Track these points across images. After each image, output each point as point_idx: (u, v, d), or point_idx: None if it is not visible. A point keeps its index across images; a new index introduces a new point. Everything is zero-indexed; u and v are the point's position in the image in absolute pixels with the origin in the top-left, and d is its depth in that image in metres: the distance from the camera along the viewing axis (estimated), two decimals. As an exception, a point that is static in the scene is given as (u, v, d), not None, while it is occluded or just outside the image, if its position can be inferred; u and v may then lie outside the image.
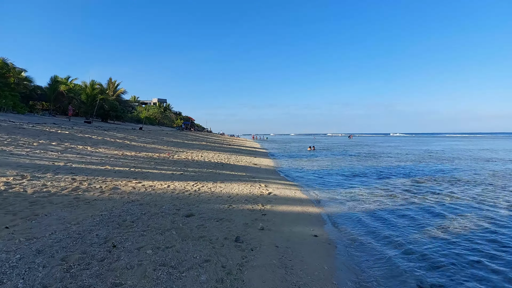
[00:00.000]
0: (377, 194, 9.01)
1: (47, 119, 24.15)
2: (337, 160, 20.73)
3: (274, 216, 5.84)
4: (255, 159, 18.90)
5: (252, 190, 8.25)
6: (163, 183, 7.62)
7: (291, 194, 8.42)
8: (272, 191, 8.46)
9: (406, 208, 7.41)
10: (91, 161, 9.51)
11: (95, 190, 6.08)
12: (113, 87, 49.49)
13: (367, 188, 10.10)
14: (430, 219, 6.44)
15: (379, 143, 51.73)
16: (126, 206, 5.28)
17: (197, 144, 25.86)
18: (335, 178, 12.44)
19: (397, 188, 10.08)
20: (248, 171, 12.62)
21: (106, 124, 31.57)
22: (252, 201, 6.91)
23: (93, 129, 21.11)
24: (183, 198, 6.34)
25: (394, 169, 15.26)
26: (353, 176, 12.83)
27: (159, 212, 5.11)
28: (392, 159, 21.41)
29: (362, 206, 7.52)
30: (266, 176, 11.82)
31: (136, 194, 6.22)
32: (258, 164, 16.22)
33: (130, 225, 4.32)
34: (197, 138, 35.05)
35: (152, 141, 20.29)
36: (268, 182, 10.04)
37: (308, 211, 6.70)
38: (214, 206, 6.04)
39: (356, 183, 11.07)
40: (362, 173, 13.90)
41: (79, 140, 14.02)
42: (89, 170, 8.07)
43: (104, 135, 17.99)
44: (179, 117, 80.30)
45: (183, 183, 8.04)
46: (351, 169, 15.25)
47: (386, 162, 18.92)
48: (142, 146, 16.45)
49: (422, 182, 11.31)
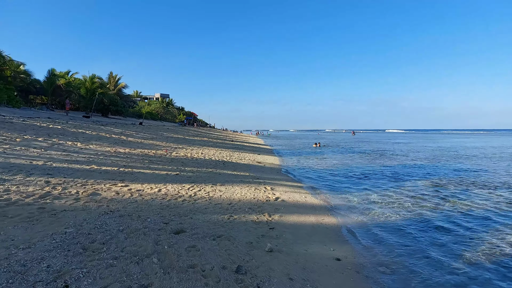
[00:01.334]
0: (398, 200, 7.92)
1: (42, 113, 23.25)
2: (346, 158, 19.60)
3: (284, 231, 4.80)
4: (258, 157, 17.85)
5: (257, 194, 7.21)
6: (153, 187, 6.59)
7: (301, 199, 7.36)
8: (280, 195, 7.42)
9: (439, 218, 6.32)
10: (77, 159, 8.52)
11: (69, 196, 5.07)
12: (114, 82, 48.57)
13: (385, 192, 9.01)
14: (476, 232, 5.36)
15: (385, 140, 50.34)
16: (102, 219, 4.26)
17: (198, 140, 24.84)
18: (346, 179, 11.36)
19: (418, 192, 8.98)
20: (252, 170, 11.57)
21: (105, 119, 30.65)
22: (257, 209, 5.87)
23: (89, 124, 20.16)
24: (174, 207, 5.31)
25: (409, 169, 14.13)
26: (366, 177, 11.73)
27: (141, 228, 4.08)
28: (404, 157, 20.23)
29: (385, 215, 6.45)
30: (271, 176, 10.77)
31: (118, 201, 5.20)
32: (262, 162, 15.17)
33: (99, 249, 3.30)
34: (198, 133, 34.05)
35: (151, 137, 19.30)
36: (274, 184, 8.99)
37: (324, 222, 5.65)
38: (211, 217, 5.01)
39: (371, 186, 9.98)
40: (375, 173, 12.79)
41: (71, 135, 13.05)
42: (71, 170, 7.07)
43: (99, 130, 17.02)
44: (182, 112, 79.39)
45: (178, 186, 7.01)
46: (362, 169, 14.15)
47: (398, 161, 17.76)
48: (139, 142, 15.46)
49: (445, 184, 10.18)
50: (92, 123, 21.49)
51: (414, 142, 42.46)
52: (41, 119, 17.57)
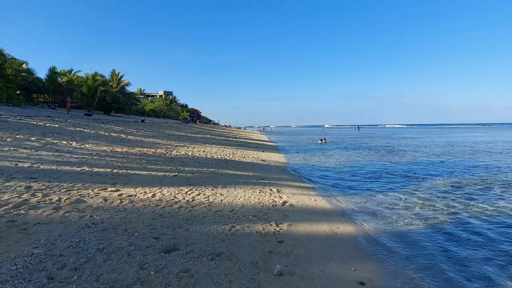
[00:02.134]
0: (418, 202, 7.19)
1: (43, 112, 22.81)
2: (354, 155, 18.82)
3: (295, 244, 4.13)
4: (263, 154, 17.17)
5: (262, 198, 6.53)
6: (148, 191, 5.96)
7: (311, 203, 6.67)
8: (287, 198, 6.74)
9: (470, 226, 5.59)
10: (69, 160, 7.92)
11: (48, 205, 4.45)
12: (116, 79, 48.11)
13: (401, 192, 8.27)
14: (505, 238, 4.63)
15: (391, 135, 49.20)
16: (81, 233, 3.63)
17: (201, 137, 24.23)
18: (357, 177, 10.62)
19: (439, 193, 8.22)
20: (256, 169, 10.90)
21: (107, 117, 30.20)
22: (263, 216, 5.20)
23: (90, 122, 19.64)
24: (169, 216, 4.66)
25: (423, 166, 13.32)
26: (378, 176, 10.99)
27: (126, 246, 3.44)
28: (414, 153, 19.37)
29: (406, 222, 5.74)
30: (277, 176, 10.09)
31: (105, 210, 4.57)
32: (267, 160, 14.49)
33: (68, 278, 2.66)
34: (201, 131, 33.45)
35: (152, 135, 18.72)
36: (280, 185, 8.31)
37: (339, 232, 4.96)
38: (210, 228, 4.35)
39: (385, 185, 9.25)
40: (387, 171, 12.02)
41: (67, 134, 12.50)
42: (59, 173, 6.47)
43: (98, 129, 16.48)
44: (185, 110, 78.93)
45: (175, 189, 6.37)
46: (373, 166, 13.38)
47: (409, 158, 16.93)
48: (139, 141, 14.88)
49: (467, 184, 9.40)
50: (92, 121, 20.99)
51: (421, 137, 41.34)
52: (40, 117, 17.08)
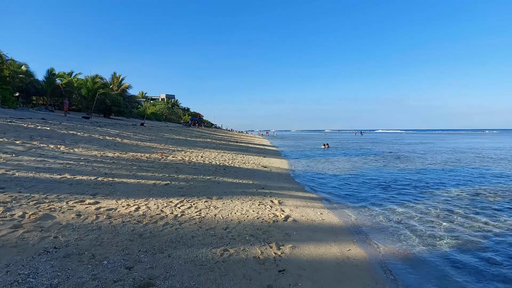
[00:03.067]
0: (436, 217, 6.42)
1: (39, 114, 22.29)
2: (359, 161, 18.04)
3: (299, 275, 3.39)
4: (264, 160, 16.45)
5: (262, 211, 5.81)
6: (131, 203, 5.25)
7: (317, 218, 5.93)
8: (290, 212, 6.00)
9: (503, 247, 4.83)
10: (51, 166, 7.25)
11: (7, 223, 3.74)
12: (117, 82, 47.76)
13: (415, 205, 7.51)
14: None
15: (395, 140, 48.33)
16: (35, 262, 2.92)
17: (200, 141, 23.57)
18: (365, 187, 9.87)
19: (458, 206, 7.45)
20: (256, 177, 10.18)
21: (106, 120, 29.67)
22: (262, 236, 4.47)
23: (85, 124, 19.04)
24: (150, 236, 3.94)
25: (435, 175, 12.54)
26: (387, 185, 10.23)
27: (87, 279, 2.72)
28: (423, 160, 18.57)
29: (426, 242, 4.99)
30: (278, 184, 9.35)
31: (75, 228, 3.86)
32: (268, 166, 13.76)
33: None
34: (202, 134, 32.82)
35: (149, 139, 18.07)
36: (282, 196, 7.58)
37: (351, 256, 4.21)
38: (198, 253, 3.63)
39: (396, 196, 8.49)
40: (397, 180, 11.25)
41: (58, 138, 11.86)
42: (35, 181, 5.78)
43: (93, 132, 15.85)
44: (187, 113, 78.65)
45: (163, 201, 5.65)
46: (381, 174, 12.62)
47: (419, 165, 16.14)
48: (134, 145, 14.22)
49: (485, 195, 8.62)
50: (88, 124, 20.40)
51: (425, 143, 40.46)
52: (33, 120, 16.50)
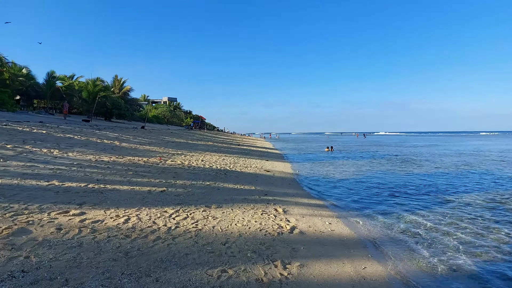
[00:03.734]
0: (457, 227, 5.88)
1: (37, 117, 21.97)
2: (365, 165, 17.47)
3: (310, 303, 2.87)
4: (267, 163, 15.93)
5: (265, 222, 5.29)
6: (121, 213, 4.76)
7: (326, 229, 5.40)
8: (296, 222, 5.48)
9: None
10: (39, 172, 6.79)
11: (-28, 240, 3.26)
12: (119, 85, 47.62)
13: (431, 212, 6.96)
14: None
15: (400, 143, 47.61)
16: (-6, 292, 2.43)
17: (202, 144, 23.10)
18: (374, 193, 9.32)
19: (478, 214, 6.89)
20: (259, 182, 9.66)
21: (107, 123, 29.34)
22: (265, 252, 3.95)
23: (84, 128, 18.65)
24: (137, 254, 3.44)
25: (446, 178, 11.96)
26: (397, 190, 9.67)
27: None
28: (431, 163, 17.96)
29: (452, 257, 4.45)
30: (282, 190, 8.83)
31: (51, 246, 3.37)
32: (271, 170, 13.24)
33: None
34: (204, 137, 32.36)
35: (149, 142, 17.64)
36: (286, 203, 7.06)
37: (368, 276, 3.68)
38: (192, 275, 3.12)
39: (409, 202, 7.94)
40: (408, 184, 10.69)
41: (52, 141, 11.44)
42: (18, 189, 5.32)
43: (91, 135, 15.44)
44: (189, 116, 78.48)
45: (157, 211, 5.16)
46: (390, 179, 12.05)
47: (428, 168, 15.54)
48: (132, 148, 13.78)
49: (505, 202, 8.05)
50: (88, 127, 20.02)
51: (431, 145, 39.74)
52: (30, 123, 16.14)
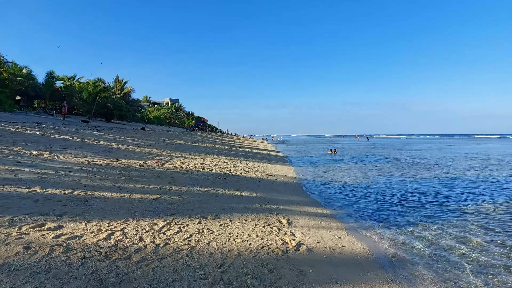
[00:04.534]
0: (487, 245, 5.25)
1: (35, 118, 21.53)
2: (372, 169, 16.80)
3: None
4: (269, 167, 15.33)
5: (267, 236, 4.69)
6: (105, 227, 4.18)
7: (336, 244, 4.79)
8: (302, 237, 4.88)
9: None
10: (22, 177, 6.24)
11: None
12: (120, 86, 47.30)
13: (452, 224, 6.32)
14: None
15: (404, 146, 46.80)
16: None
17: (202, 146, 22.55)
18: (384, 200, 8.68)
19: (506, 226, 6.25)
20: (261, 188, 9.07)
21: (107, 124, 28.90)
22: (268, 276, 3.35)
23: (81, 129, 18.17)
24: (115, 282, 2.85)
25: (461, 184, 11.30)
26: (411, 197, 9.03)
27: None
28: (441, 167, 17.26)
29: (488, 281, 3.83)
30: (286, 198, 8.23)
31: (12, 271, 2.79)
32: (274, 174, 12.64)
33: None
34: (205, 139, 31.84)
35: (148, 144, 17.11)
36: (291, 213, 6.45)
37: (391, 309, 3.08)
38: (177, 312, 2.53)
39: (425, 211, 7.31)
40: (420, 191, 10.04)
41: (45, 143, 10.93)
42: (-8, 197, 4.76)
43: (88, 136, 14.94)
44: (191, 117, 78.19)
45: (146, 223, 4.57)
46: (400, 184, 11.41)
47: (438, 173, 14.87)
48: (129, 151, 13.24)
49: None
50: (86, 128, 19.55)
51: (437, 148, 38.95)
52: (26, 124, 15.69)
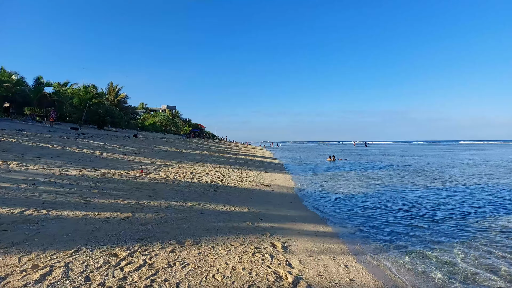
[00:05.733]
0: None
1: (20, 125, 20.48)
2: (374, 178, 15.85)
3: None
4: (265, 176, 14.36)
5: (257, 268, 3.70)
6: (43, 262, 3.17)
7: (343, 278, 3.80)
8: (301, 267, 3.89)
9: None
10: (-32, 192, 5.23)
11: None
12: (114, 92, 46.41)
13: (475, 246, 5.37)
14: None
15: (403, 152, 45.98)
16: None
17: (196, 154, 21.56)
18: (395, 216, 7.67)
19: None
20: (254, 201, 8.08)
21: (98, 131, 27.88)
22: None
23: (66, 136, 17.15)
24: None
25: (471, 194, 10.38)
26: (422, 212, 8.05)
27: None
28: (445, 175, 16.36)
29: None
30: (282, 212, 7.23)
31: None
32: (270, 184, 11.66)
33: None
34: (200, 146, 30.84)
35: (136, 152, 16.11)
36: (287, 232, 5.46)
37: None
38: None
39: (443, 230, 6.34)
40: (430, 204, 9.07)
41: (18, 152, 9.93)
42: None
43: (71, 144, 13.93)
44: (188, 124, 77.31)
45: (102, 254, 3.57)
46: (406, 195, 10.46)
47: (444, 182, 13.96)
48: (113, 159, 12.24)
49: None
50: (73, 135, 18.54)
51: (437, 155, 38.19)
52: (6, 130, 14.69)
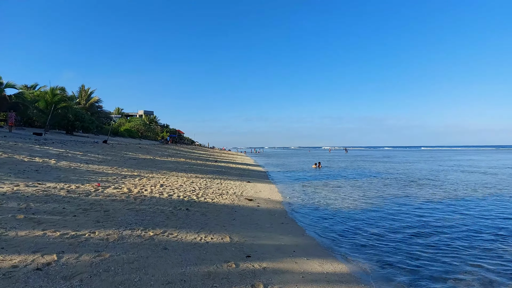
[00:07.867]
0: None
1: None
2: (369, 187, 14.77)
3: None
4: (248, 186, 12.88)
5: None
6: None
7: None
8: None
9: None
10: None
11: None
12: (85, 96, 43.38)
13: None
14: None
15: (385, 158, 46.20)
16: None
17: (171, 161, 19.70)
18: (415, 242, 6.43)
19: None
20: (237, 223, 6.57)
21: (65, 137, 25.27)
22: None
23: (21, 142, 14.83)
24: None
25: (476, 205, 9.46)
26: (434, 230, 6.92)
27: None
28: (441, 184, 15.66)
29: None
30: (274, 240, 5.76)
31: None
32: (255, 197, 10.20)
33: None
34: (177, 153, 28.86)
35: (101, 160, 14.12)
36: (286, 278, 4.01)
37: None
38: None
39: (470, 256, 5.18)
40: (440, 219, 7.98)
41: None
42: None
43: (22, 151, 11.78)
44: (166, 130, 74.48)
45: None
46: (409, 208, 9.37)
47: (444, 192, 13.14)
48: (69, 169, 10.29)
49: None
50: (31, 141, 16.17)
51: (423, 161, 38.42)
52: None
